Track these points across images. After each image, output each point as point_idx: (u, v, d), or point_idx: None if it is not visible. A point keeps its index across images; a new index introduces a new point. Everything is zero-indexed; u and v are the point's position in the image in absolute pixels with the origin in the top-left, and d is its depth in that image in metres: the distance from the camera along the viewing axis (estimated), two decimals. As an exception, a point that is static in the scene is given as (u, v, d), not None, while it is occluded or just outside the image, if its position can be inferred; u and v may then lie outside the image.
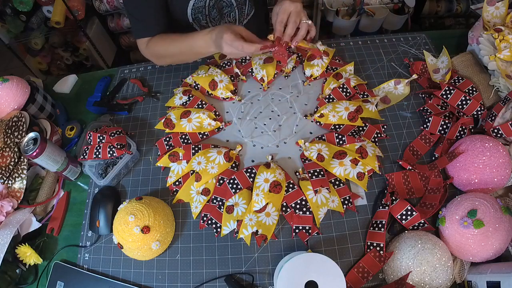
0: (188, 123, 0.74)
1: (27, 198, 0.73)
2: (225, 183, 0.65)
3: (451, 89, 0.70)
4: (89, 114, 0.87)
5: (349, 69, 0.81)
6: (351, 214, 0.63)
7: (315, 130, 0.73)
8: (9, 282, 0.64)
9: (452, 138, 0.67)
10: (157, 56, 0.80)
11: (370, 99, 0.74)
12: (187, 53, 0.75)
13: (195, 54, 0.77)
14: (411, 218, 0.59)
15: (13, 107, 0.77)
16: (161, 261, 0.63)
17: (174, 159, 0.70)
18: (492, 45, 0.72)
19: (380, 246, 0.57)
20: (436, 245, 0.53)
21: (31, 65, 2.03)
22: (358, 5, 1.51)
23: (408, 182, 0.64)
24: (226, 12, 0.87)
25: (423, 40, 0.87)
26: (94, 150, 0.72)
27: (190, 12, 0.83)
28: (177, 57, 0.79)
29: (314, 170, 0.64)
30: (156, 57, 0.81)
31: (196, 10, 0.84)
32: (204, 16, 0.86)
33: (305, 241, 0.61)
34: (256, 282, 0.59)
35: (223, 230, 0.62)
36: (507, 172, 0.58)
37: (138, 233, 0.58)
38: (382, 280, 0.57)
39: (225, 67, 0.85)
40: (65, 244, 0.68)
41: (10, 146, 0.71)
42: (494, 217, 0.52)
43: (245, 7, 0.89)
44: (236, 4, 0.86)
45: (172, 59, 0.82)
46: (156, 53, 0.79)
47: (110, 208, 0.67)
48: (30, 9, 1.68)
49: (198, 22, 0.87)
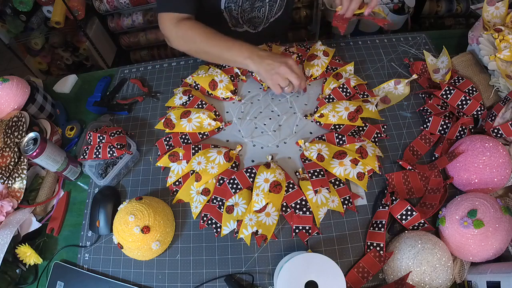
0: (188, 123, 0.74)
1: (27, 198, 0.73)
2: (225, 183, 0.65)
3: (451, 89, 0.70)
4: (89, 114, 0.87)
5: (349, 69, 0.81)
6: (351, 214, 0.63)
7: (315, 130, 0.73)
8: (9, 282, 0.64)
9: (452, 138, 0.67)
10: (184, 40, 0.75)
11: (370, 99, 0.74)
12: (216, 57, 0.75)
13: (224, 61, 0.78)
14: (411, 218, 0.59)
15: (13, 107, 0.77)
16: (161, 261, 0.63)
17: (174, 159, 0.70)
18: (492, 45, 0.72)
19: (380, 246, 0.57)
20: (436, 245, 0.53)
21: (31, 65, 2.03)
22: (358, 5, 1.51)
23: (408, 182, 0.64)
24: (258, 6, 0.87)
25: (423, 40, 0.87)
26: (94, 150, 0.72)
27: (224, 0, 0.82)
28: (202, 55, 0.77)
29: (314, 170, 0.64)
30: (182, 40, 0.75)
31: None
32: (237, 7, 0.85)
33: (305, 241, 0.61)
34: (256, 282, 0.59)
35: (223, 230, 0.62)
36: (507, 172, 0.58)
37: (138, 233, 0.58)
38: (382, 280, 0.57)
39: (225, 67, 0.85)
40: (65, 244, 0.68)
41: (10, 146, 0.71)
42: (494, 217, 0.52)
43: (275, 6, 0.89)
44: (268, 1, 0.86)
45: (197, 53, 0.77)
46: (186, 37, 0.74)
47: (110, 208, 0.67)
48: (30, 9, 1.68)
49: (229, 12, 0.86)
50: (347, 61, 0.85)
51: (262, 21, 0.92)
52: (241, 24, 0.92)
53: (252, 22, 0.92)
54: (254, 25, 0.93)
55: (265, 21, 0.93)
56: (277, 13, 0.92)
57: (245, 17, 0.90)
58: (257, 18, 0.91)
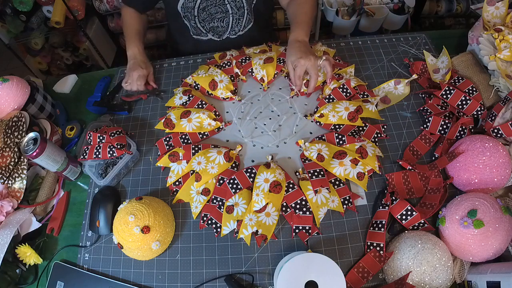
0: (188, 123, 0.74)
1: (27, 198, 0.73)
2: (225, 183, 0.65)
3: (451, 89, 0.70)
4: (89, 114, 0.87)
5: (349, 71, 0.81)
6: (351, 214, 0.63)
7: (315, 130, 0.73)
8: (9, 282, 0.64)
9: (452, 138, 0.67)
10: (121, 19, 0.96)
11: (370, 99, 0.74)
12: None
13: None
14: (411, 218, 0.59)
15: (13, 107, 0.77)
16: (161, 261, 0.63)
17: (174, 159, 0.70)
18: (492, 45, 0.72)
19: (380, 246, 0.57)
20: (436, 245, 0.53)
21: (31, 65, 2.02)
22: (358, 5, 1.51)
23: (408, 182, 0.64)
24: (220, 17, 0.90)
25: (423, 40, 0.87)
26: (94, 150, 0.72)
27: (180, 9, 0.88)
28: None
29: (314, 170, 0.64)
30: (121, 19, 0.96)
31: (185, 9, 0.88)
32: (193, 17, 0.90)
33: (305, 241, 0.61)
34: (256, 282, 0.59)
35: (223, 230, 0.62)
36: (507, 172, 0.58)
37: (138, 233, 0.58)
38: (382, 280, 0.57)
39: (225, 67, 0.85)
40: (65, 244, 0.68)
41: (10, 146, 0.71)
42: (494, 217, 0.52)
43: (243, 19, 0.91)
44: (232, 12, 0.88)
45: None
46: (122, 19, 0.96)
47: (110, 208, 0.67)
48: (30, 9, 1.68)
49: (188, 21, 0.89)
50: (347, 61, 0.85)
51: (227, 30, 0.95)
52: (204, 33, 0.96)
53: (215, 31, 0.95)
54: (218, 34, 0.96)
55: (230, 31, 0.95)
56: (247, 26, 0.95)
57: (207, 26, 0.94)
58: (220, 27, 0.94)
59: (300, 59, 0.72)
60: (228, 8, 0.88)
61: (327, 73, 0.74)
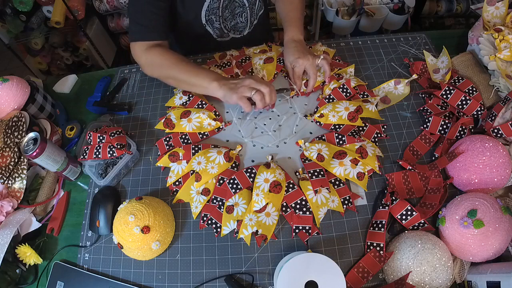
0: (188, 123, 0.74)
1: (27, 198, 0.73)
2: (225, 183, 0.65)
3: (451, 89, 0.70)
4: (89, 114, 0.87)
5: (349, 71, 0.81)
6: (351, 214, 0.63)
7: (315, 130, 0.73)
8: (9, 282, 0.64)
9: (452, 138, 0.67)
10: (153, 66, 0.77)
11: (370, 99, 0.74)
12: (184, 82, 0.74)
13: (191, 86, 0.75)
14: (411, 218, 0.59)
15: (13, 107, 0.77)
16: (161, 261, 0.63)
17: (174, 159, 0.70)
18: (492, 45, 0.72)
19: (380, 246, 0.57)
20: (436, 245, 0.53)
21: (31, 65, 2.03)
22: (358, 5, 1.51)
23: (408, 182, 0.64)
24: (238, 12, 0.89)
25: (423, 40, 0.87)
26: (94, 150, 0.72)
27: (204, 14, 0.84)
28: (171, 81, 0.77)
29: (314, 170, 0.64)
30: (151, 66, 0.77)
31: (210, 11, 0.85)
32: (218, 17, 0.87)
33: (305, 241, 0.61)
34: (256, 282, 0.59)
35: (223, 230, 0.62)
36: (507, 172, 0.58)
37: (138, 233, 0.58)
38: (382, 280, 0.57)
39: (225, 67, 0.85)
40: (65, 244, 0.68)
41: (10, 146, 0.71)
42: (494, 217, 0.52)
43: (255, 7, 0.90)
44: (248, 4, 0.87)
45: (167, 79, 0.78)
46: (154, 64, 0.76)
47: (110, 208, 0.67)
48: (30, 9, 1.68)
49: (211, 24, 0.88)
50: (347, 61, 0.85)
51: (246, 25, 0.94)
52: (226, 33, 0.94)
53: (236, 28, 0.94)
54: (239, 31, 0.95)
55: (249, 25, 0.94)
56: (259, 13, 0.94)
57: (229, 26, 0.92)
58: (240, 23, 0.93)
59: (298, 59, 0.72)
60: (245, 2, 0.87)
61: (326, 71, 0.74)
